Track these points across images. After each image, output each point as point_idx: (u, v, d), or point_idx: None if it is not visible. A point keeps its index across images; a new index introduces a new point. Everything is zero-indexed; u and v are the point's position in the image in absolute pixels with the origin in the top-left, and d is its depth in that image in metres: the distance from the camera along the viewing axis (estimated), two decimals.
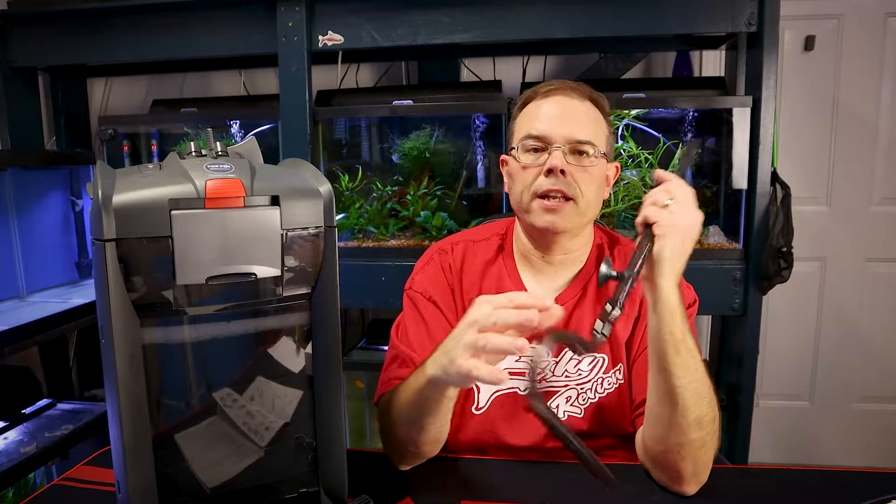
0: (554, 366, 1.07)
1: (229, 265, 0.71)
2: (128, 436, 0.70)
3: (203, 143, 0.78)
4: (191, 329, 0.73)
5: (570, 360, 1.07)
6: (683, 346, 0.86)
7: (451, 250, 1.15)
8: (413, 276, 1.15)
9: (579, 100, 1.06)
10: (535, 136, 1.03)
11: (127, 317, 0.68)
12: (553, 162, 1.00)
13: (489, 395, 1.07)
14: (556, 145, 1.02)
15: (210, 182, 0.70)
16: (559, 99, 1.05)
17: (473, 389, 1.07)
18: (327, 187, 0.77)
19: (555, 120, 1.03)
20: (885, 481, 0.90)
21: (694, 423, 0.87)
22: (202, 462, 0.75)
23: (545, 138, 1.03)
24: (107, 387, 0.73)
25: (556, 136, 1.02)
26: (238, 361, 0.77)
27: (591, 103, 1.07)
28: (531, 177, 1.03)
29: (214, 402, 0.75)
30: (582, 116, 1.05)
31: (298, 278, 0.75)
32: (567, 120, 1.03)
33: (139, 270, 0.68)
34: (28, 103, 2.28)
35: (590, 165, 1.03)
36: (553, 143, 1.02)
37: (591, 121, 1.05)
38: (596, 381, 1.06)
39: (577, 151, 1.02)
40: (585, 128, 1.04)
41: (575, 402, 1.06)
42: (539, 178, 1.02)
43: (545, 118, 1.04)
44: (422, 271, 1.14)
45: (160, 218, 0.67)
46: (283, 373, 0.78)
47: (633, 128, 1.94)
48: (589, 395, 1.06)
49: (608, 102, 1.10)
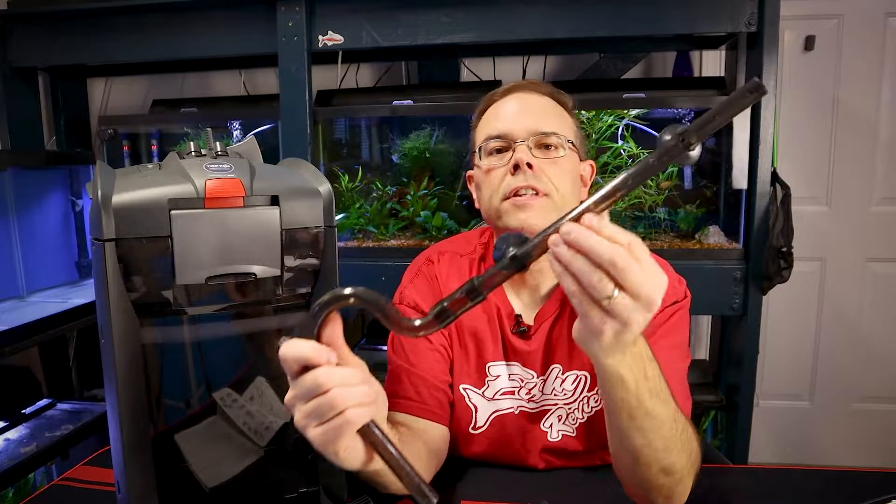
0: (542, 384, 1.02)
1: (229, 265, 0.71)
2: (128, 436, 0.70)
3: (203, 143, 0.78)
4: (191, 329, 0.73)
5: (555, 379, 1.01)
6: (640, 410, 0.71)
7: (437, 260, 1.10)
8: (402, 290, 1.09)
9: (539, 95, 1.02)
10: (496, 135, 0.98)
11: (127, 317, 0.68)
12: (518, 156, 0.94)
13: (488, 414, 1.03)
14: (519, 140, 0.96)
15: (210, 182, 0.70)
16: (518, 95, 1.01)
17: (471, 408, 1.02)
18: (327, 187, 0.77)
19: (516, 115, 0.98)
20: (885, 481, 0.90)
21: (660, 473, 0.77)
22: (202, 462, 0.75)
23: (507, 135, 0.97)
24: (107, 387, 0.73)
25: (518, 131, 0.96)
26: (238, 361, 0.77)
27: (553, 100, 1.02)
28: (498, 178, 0.97)
29: (214, 402, 0.75)
30: (543, 110, 1.00)
31: (298, 278, 0.75)
32: (528, 114, 0.98)
33: (139, 270, 0.68)
34: (28, 103, 2.28)
35: (558, 157, 0.96)
36: (516, 138, 0.96)
37: (554, 114, 1.00)
38: (581, 400, 1.01)
39: (544, 145, 0.97)
40: (548, 119, 0.98)
41: (566, 422, 1.02)
42: (506, 178, 0.95)
43: (504, 116, 0.99)
44: (411, 284, 1.09)
45: (160, 218, 0.67)
46: (283, 373, 0.78)
47: (633, 128, 1.94)
48: (577, 415, 1.01)
49: (572, 100, 1.05)
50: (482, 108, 1.05)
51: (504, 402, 1.03)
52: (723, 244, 1.89)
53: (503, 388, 1.02)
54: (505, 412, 1.03)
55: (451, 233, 2.00)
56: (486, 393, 1.02)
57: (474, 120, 1.06)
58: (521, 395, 1.02)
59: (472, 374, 1.03)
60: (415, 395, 0.98)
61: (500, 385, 1.02)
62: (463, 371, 1.03)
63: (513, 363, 1.02)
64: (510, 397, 1.03)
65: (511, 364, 1.02)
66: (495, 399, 1.03)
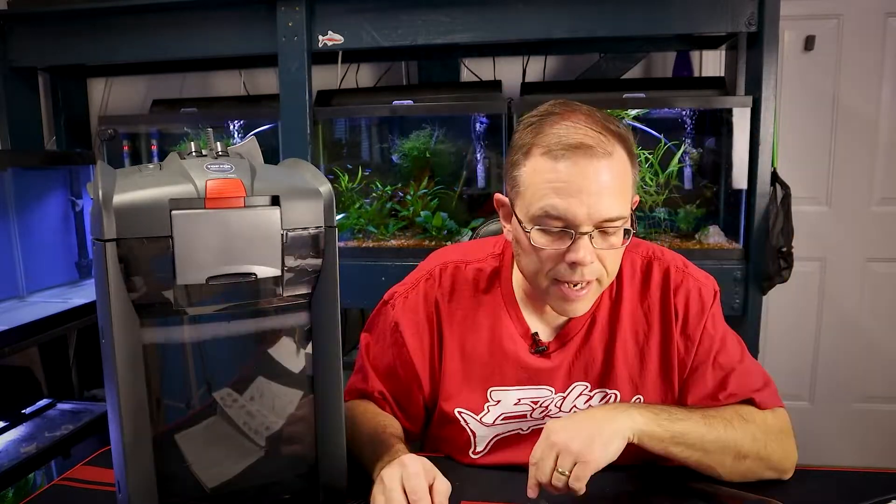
0: (561, 401, 0.99)
1: (229, 265, 0.71)
2: (128, 436, 0.70)
3: (203, 143, 0.78)
4: (191, 329, 0.73)
5: (579, 396, 0.99)
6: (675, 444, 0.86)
7: (439, 277, 1.03)
8: (395, 295, 1.04)
9: (606, 157, 0.84)
10: (556, 216, 0.84)
11: (127, 317, 0.68)
12: (579, 256, 0.84)
13: (489, 439, 1.00)
14: (582, 230, 0.84)
15: (210, 182, 0.70)
16: (583, 163, 0.83)
17: (468, 433, 1.00)
18: (327, 187, 0.77)
19: (580, 196, 0.83)
20: (885, 481, 0.90)
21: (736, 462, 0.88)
22: (202, 462, 0.75)
23: (567, 220, 0.84)
24: (107, 387, 0.73)
25: (582, 218, 0.83)
26: (238, 361, 0.77)
27: (619, 146, 0.86)
28: (549, 261, 0.87)
29: (214, 402, 0.75)
30: (611, 182, 0.84)
31: (298, 278, 0.75)
32: (595, 196, 0.83)
33: (139, 270, 0.68)
34: (28, 103, 2.28)
35: (618, 244, 0.87)
36: (579, 227, 0.84)
37: (621, 184, 0.86)
38: None
39: (606, 231, 0.86)
40: (616, 199, 0.85)
41: None
42: (560, 266, 0.86)
43: (566, 192, 0.83)
44: (403, 296, 1.03)
45: (160, 218, 0.67)
46: (283, 373, 0.78)
47: (632, 128, 1.94)
48: None
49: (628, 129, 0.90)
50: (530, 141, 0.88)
51: (507, 425, 1.00)
52: (723, 244, 1.89)
53: (507, 413, 0.99)
54: (507, 434, 1.01)
55: (450, 233, 2.00)
56: (484, 419, 0.99)
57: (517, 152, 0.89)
58: (534, 416, 1.00)
59: (472, 400, 1.00)
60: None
61: (502, 410, 0.99)
62: (460, 394, 1.00)
63: (525, 387, 0.99)
64: (518, 420, 1.00)
65: (523, 388, 0.99)
66: (496, 424, 1.00)
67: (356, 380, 1.07)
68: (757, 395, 0.96)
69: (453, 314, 1.01)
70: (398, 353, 1.02)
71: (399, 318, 1.02)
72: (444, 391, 1.01)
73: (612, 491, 0.89)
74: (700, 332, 0.97)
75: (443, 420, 1.02)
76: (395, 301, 1.04)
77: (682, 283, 0.98)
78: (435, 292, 1.02)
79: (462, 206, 2.10)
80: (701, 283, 0.99)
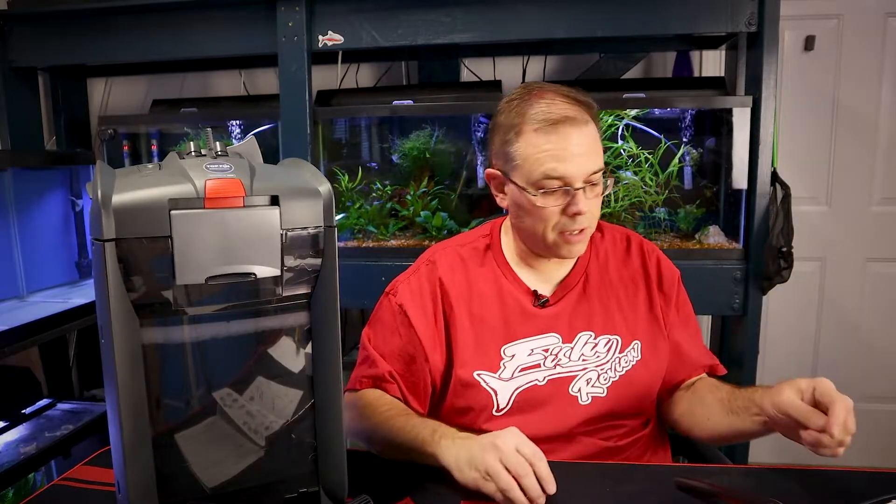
0: (570, 351, 1.08)
1: (229, 265, 0.71)
2: (128, 436, 0.70)
3: (203, 143, 0.78)
4: (191, 329, 0.73)
5: (585, 344, 1.08)
6: None
7: (438, 260, 1.14)
8: (396, 284, 1.13)
9: (585, 125, 1.01)
10: (557, 177, 1.00)
11: (127, 317, 0.68)
12: (579, 207, 1.00)
13: (510, 394, 1.07)
14: (577, 186, 1.00)
15: (210, 182, 0.70)
16: (570, 132, 1.00)
17: (489, 392, 1.07)
18: (327, 187, 0.77)
19: (574, 159, 1.00)
20: (885, 481, 0.90)
21: None
22: (202, 462, 0.75)
23: (565, 179, 1.00)
24: (107, 387, 0.73)
25: (577, 175, 1.00)
26: (238, 361, 0.77)
27: (589, 116, 1.03)
28: (553, 217, 1.02)
29: (214, 402, 0.75)
30: (592, 144, 1.02)
31: (298, 278, 0.75)
32: (583, 156, 1.00)
33: (139, 270, 0.68)
34: (28, 103, 2.28)
35: (601, 193, 1.05)
36: (574, 183, 1.00)
37: (597, 144, 1.04)
38: (614, 361, 1.09)
39: (592, 183, 1.02)
40: (597, 156, 1.03)
41: (596, 384, 1.08)
42: (563, 219, 1.02)
43: (561, 157, 1.00)
44: (405, 282, 1.13)
45: (160, 218, 0.67)
46: (283, 373, 0.78)
47: (633, 128, 1.94)
48: (610, 375, 1.08)
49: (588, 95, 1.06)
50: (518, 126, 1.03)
51: (525, 377, 1.07)
52: (723, 244, 1.89)
53: (522, 364, 1.07)
54: (527, 386, 1.07)
55: (451, 233, 2.00)
56: (502, 375, 1.07)
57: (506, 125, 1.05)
58: (547, 365, 1.07)
59: (488, 360, 1.07)
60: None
61: (517, 363, 1.07)
62: (475, 358, 1.08)
63: (534, 337, 1.08)
64: (533, 371, 1.07)
65: (533, 339, 1.08)
66: (514, 378, 1.07)
67: (362, 369, 1.12)
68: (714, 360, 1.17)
69: (457, 287, 1.11)
70: (406, 334, 1.09)
71: (403, 301, 1.10)
72: (459, 359, 1.08)
73: (613, 489, 0.89)
74: (675, 294, 1.15)
75: (462, 387, 1.08)
76: (398, 288, 1.13)
77: (654, 252, 1.18)
78: (437, 273, 1.12)
79: (462, 206, 2.09)
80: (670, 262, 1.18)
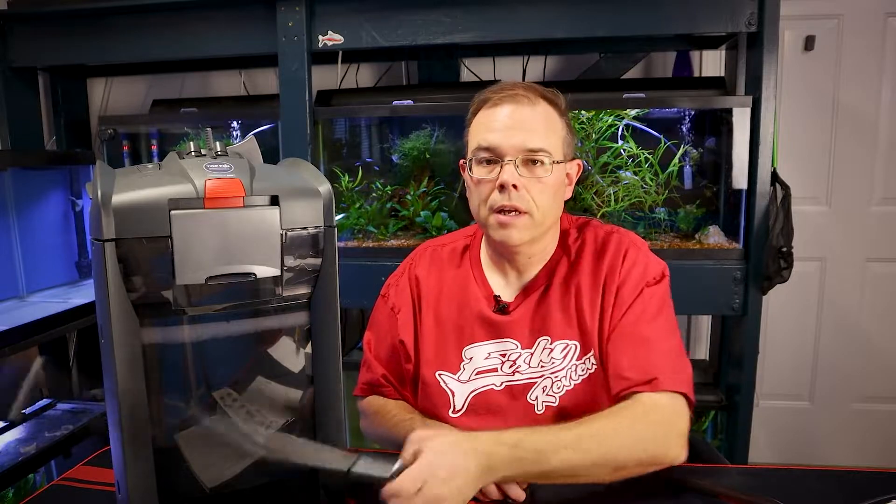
0: (529, 357, 1.06)
1: (229, 265, 0.71)
2: (128, 436, 0.70)
3: (203, 143, 0.78)
4: (191, 329, 0.73)
5: (543, 350, 1.06)
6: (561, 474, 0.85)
7: (419, 259, 1.18)
8: (388, 286, 1.18)
9: (530, 105, 1.01)
10: (486, 147, 1.01)
11: (127, 317, 0.68)
12: (504, 177, 0.98)
13: (465, 395, 1.07)
14: (507, 158, 0.99)
15: (210, 182, 0.70)
16: (509, 108, 1.01)
17: (447, 393, 1.08)
18: (327, 187, 0.77)
19: (505, 131, 1.00)
20: (885, 481, 0.90)
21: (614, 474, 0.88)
22: (202, 462, 0.75)
23: (496, 150, 1.00)
24: (106, 387, 0.73)
25: (506, 148, 0.99)
26: (238, 361, 0.77)
27: (546, 103, 1.03)
28: (486, 191, 1.02)
29: (214, 401, 0.75)
30: (533, 123, 1.01)
31: (298, 278, 0.75)
32: (518, 130, 1.00)
33: (139, 270, 0.68)
34: (28, 103, 2.28)
35: (543, 175, 1.00)
36: (504, 155, 0.99)
37: (543, 126, 1.01)
38: (570, 369, 1.05)
39: (531, 161, 1.00)
40: (537, 135, 1.00)
41: (550, 391, 1.05)
42: (493, 194, 1.00)
43: (495, 128, 1.01)
44: (395, 284, 1.17)
45: (160, 218, 0.67)
46: (283, 373, 0.78)
47: (633, 128, 1.94)
48: (564, 383, 1.05)
49: (564, 99, 1.06)
50: (476, 106, 1.06)
51: (481, 380, 1.07)
52: (723, 244, 1.89)
53: (479, 367, 1.08)
54: (483, 389, 1.07)
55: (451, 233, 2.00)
56: (461, 377, 1.08)
57: (469, 116, 1.08)
58: (504, 370, 1.07)
59: (448, 361, 1.09)
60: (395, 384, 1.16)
61: (475, 365, 1.08)
62: (440, 358, 1.10)
63: (492, 341, 1.08)
64: (490, 375, 1.07)
65: (490, 342, 1.08)
66: (471, 380, 1.08)
67: (362, 373, 1.18)
68: (662, 375, 0.96)
69: (429, 287, 1.14)
70: (396, 334, 1.13)
71: (395, 302, 1.15)
72: (424, 358, 1.11)
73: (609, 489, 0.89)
74: (635, 296, 1.03)
75: (424, 385, 1.11)
76: (389, 291, 1.18)
77: (633, 255, 1.07)
78: (415, 271, 1.16)
79: (462, 206, 2.09)
80: (651, 262, 1.07)
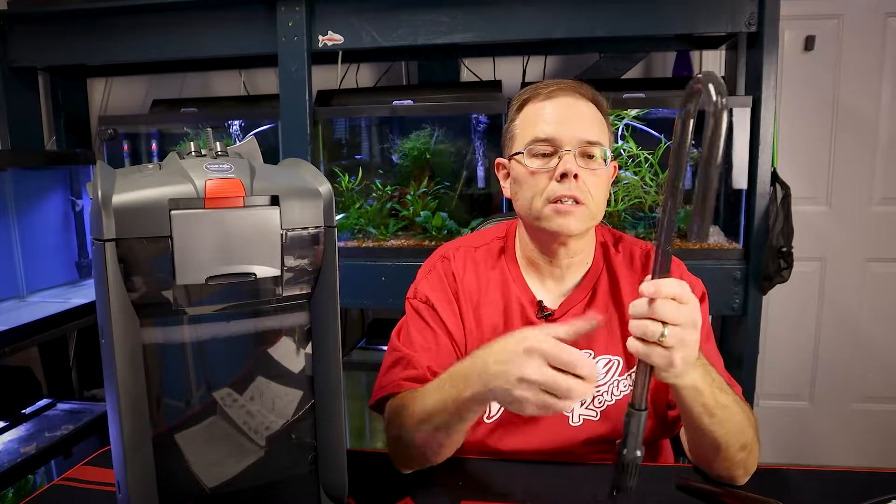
0: None
1: (229, 265, 0.71)
2: (128, 436, 0.70)
3: (203, 143, 0.78)
4: (191, 329, 0.73)
5: None
6: (717, 407, 0.84)
7: (452, 257, 1.13)
8: (416, 285, 1.12)
9: (584, 100, 1.03)
10: (544, 139, 1.00)
11: (127, 317, 0.68)
12: (567, 166, 0.97)
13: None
14: (566, 148, 0.99)
15: (210, 182, 0.70)
16: (565, 100, 1.02)
17: None
18: (327, 187, 0.77)
19: (563, 122, 1.00)
20: (885, 481, 0.90)
21: (740, 451, 0.88)
22: (202, 462, 0.75)
23: (555, 141, 0.99)
24: (107, 387, 0.73)
25: (566, 139, 0.99)
26: (238, 361, 0.77)
27: (594, 105, 1.04)
28: (542, 182, 1.00)
29: (214, 402, 0.75)
30: (589, 117, 1.02)
31: (298, 278, 0.75)
32: (576, 121, 1.00)
33: (139, 270, 0.68)
34: (28, 103, 2.28)
35: (599, 168, 1.00)
36: (563, 146, 0.99)
37: (597, 122, 1.03)
38: (612, 384, 1.04)
39: (587, 154, 1.00)
40: (593, 128, 1.01)
41: (590, 406, 1.04)
42: (551, 184, 0.99)
43: (553, 120, 1.00)
44: (425, 279, 1.12)
45: (160, 218, 0.67)
46: (283, 373, 0.78)
47: (633, 128, 1.94)
48: (605, 398, 1.04)
49: (608, 103, 1.07)
50: (522, 100, 1.06)
51: None
52: (723, 244, 1.89)
53: None
54: None
55: (450, 233, 2.00)
56: None
57: (512, 111, 1.07)
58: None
59: None
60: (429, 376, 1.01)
61: None
62: None
63: None
64: None
65: None
66: None
67: (396, 371, 1.03)
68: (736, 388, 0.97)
69: (467, 289, 1.10)
70: (438, 325, 1.07)
71: (429, 295, 1.09)
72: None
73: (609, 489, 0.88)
74: None
75: None
76: (419, 288, 1.11)
77: (678, 274, 1.07)
78: (451, 268, 1.11)
79: (462, 206, 2.10)
80: (694, 280, 1.09)
